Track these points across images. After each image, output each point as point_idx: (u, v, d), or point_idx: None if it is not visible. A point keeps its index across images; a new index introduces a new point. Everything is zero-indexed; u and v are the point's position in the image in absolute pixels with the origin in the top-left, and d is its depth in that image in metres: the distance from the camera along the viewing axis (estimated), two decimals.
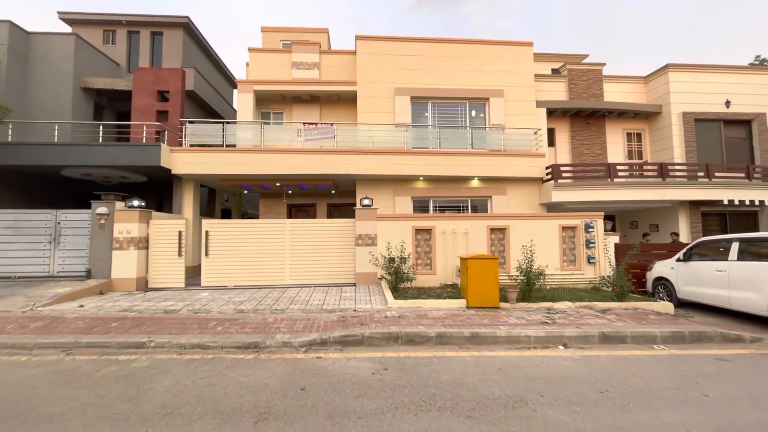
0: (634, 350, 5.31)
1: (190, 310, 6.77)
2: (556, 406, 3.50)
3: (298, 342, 5.18)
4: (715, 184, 12.01)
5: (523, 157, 11.90)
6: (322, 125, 11.71)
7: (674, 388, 3.99)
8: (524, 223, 9.61)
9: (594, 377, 4.24)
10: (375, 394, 3.72)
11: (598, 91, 14.20)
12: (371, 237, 9.22)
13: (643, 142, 14.58)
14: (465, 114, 13.01)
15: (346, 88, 12.55)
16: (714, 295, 7.22)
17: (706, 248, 7.80)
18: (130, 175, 11.80)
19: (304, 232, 9.34)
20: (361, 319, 6.18)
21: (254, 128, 11.79)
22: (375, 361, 4.69)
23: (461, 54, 12.75)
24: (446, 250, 9.41)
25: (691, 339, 5.68)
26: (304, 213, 14.34)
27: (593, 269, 9.47)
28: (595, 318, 6.45)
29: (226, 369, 4.37)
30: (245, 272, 9.11)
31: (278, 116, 13.45)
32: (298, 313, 6.63)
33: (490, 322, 6.07)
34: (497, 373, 4.32)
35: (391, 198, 12.02)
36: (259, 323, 6.02)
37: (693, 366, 4.70)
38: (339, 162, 11.07)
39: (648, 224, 13.98)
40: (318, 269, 9.26)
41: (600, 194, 11.64)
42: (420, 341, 5.38)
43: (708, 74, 13.82)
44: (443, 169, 11.48)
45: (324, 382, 4.00)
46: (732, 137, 13.90)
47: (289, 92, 12.83)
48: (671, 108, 13.56)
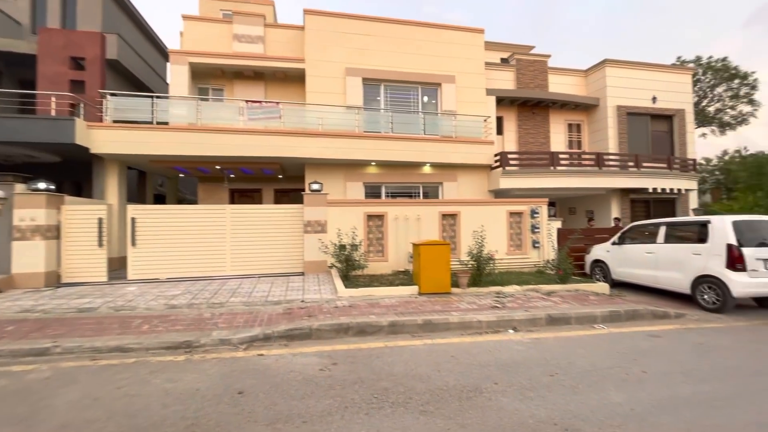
0: (578, 331, 5.50)
1: (111, 307, 5.93)
2: (510, 394, 3.42)
3: (238, 338, 4.69)
4: (642, 174, 13.01)
5: (473, 144, 12.00)
6: (267, 104, 10.89)
7: (617, 366, 4.12)
8: (474, 209, 9.70)
9: (544, 360, 4.27)
10: (323, 393, 3.40)
11: (544, 82, 14.71)
12: (321, 223, 8.77)
13: (582, 132, 15.42)
14: (417, 99, 12.82)
15: (294, 65, 11.76)
16: (644, 276, 7.77)
17: (638, 232, 8.36)
18: (38, 153, 10.18)
19: (247, 219, 8.65)
20: (309, 310, 5.79)
21: (190, 105, 10.65)
22: (323, 356, 4.36)
23: (414, 37, 12.46)
24: (398, 237, 9.23)
25: (627, 317, 6.02)
26: (248, 199, 13.43)
27: (538, 253, 9.84)
28: (541, 300, 6.62)
29: (149, 374, 3.80)
30: (180, 263, 8.26)
31: (218, 93, 12.33)
32: (239, 307, 6.08)
33: (443, 309, 5.98)
34: (451, 362, 4.20)
35: (342, 183, 11.59)
36: (194, 319, 5.41)
37: (630, 343, 4.94)
38: (286, 144, 10.38)
39: (584, 210, 14.91)
40: (263, 258, 8.65)
41: (544, 181, 12.13)
42: (372, 331, 5.14)
43: (639, 71, 14.84)
44: (396, 154, 11.24)
45: (265, 383, 3.60)
46: (657, 130, 15.15)
47: (230, 67, 11.75)
48: (607, 101, 14.42)
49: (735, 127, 22.76)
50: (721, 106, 22.56)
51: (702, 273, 6.61)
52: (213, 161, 10.62)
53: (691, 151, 15.21)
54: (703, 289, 6.62)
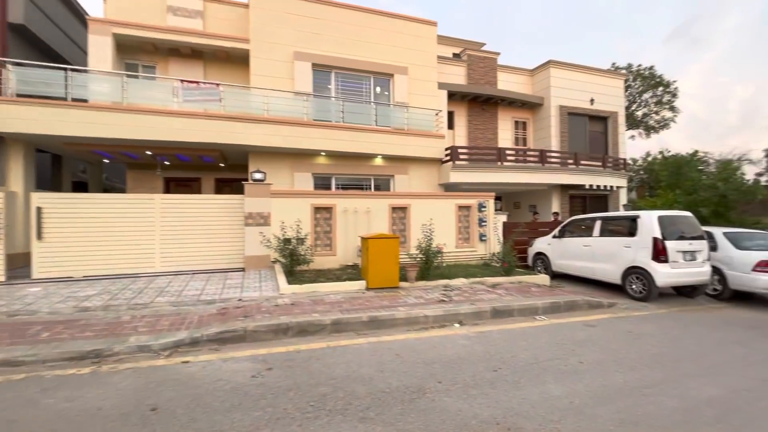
0: (521, 323, 5.59)
1: (2, 312, 5.05)
2: (453, 393, 3.31)
3: (160, 344, 4.16)
4: (581, 171, 13.79)
5: (425, 137, 11.96)
6: (205, 85, 10.00)
7: (556, 358, 4.19)
8: (425, 203, 9.66)
9: (488, 355, 4.23)
10: (252, 404, 3.05)
11: (493, 79, 15.04)
12: (263, 216, 8.22)
13: (527, 130, 16.04)
14: (370, 89, 12.50)
15: (237, 45, 10.88)
16: (581, 267, 8.18)
17: (576, 226, 8.78)
18: None
19: (180, 210, 7.87)
20: (247, 310, 5.34)
21: (115, 81, 9.46)
22: (258, 360, 3.98)
23: (367, 24, 12.08)
24: (347, 230, 8.93)
25: (565, 308, 6.25)
26: (186, 188, 12.36)
27: (484, 246, 10.04)
28: (487, 293, 6.70)
29: (41, 393, 3.20)
30: (99, 259, 7.33)
31: (149, 70, 11.12)
32: (165, 307, 5.46)
33: (390, 304, 5.81)
34: (395, 361, 4.02)
35: (290, 174, 11.01)
36: (109, 324, 4.75)
37: (568, 334, 5.09)
38: (227, 129, 9.60)
39: (528, 205, 15.57)
40: (199, 253, 7.94)
41: (492, 176, 12.42)
42: (313, 331, 4.82)
43: (579, 74, 15.68)
44: (347, 144, 10.87)
45: (186, 396, 3.17)
46: (594, 131, 16.16)
47: (164, 42, 10.61)
48: (551, 101, 15.08)
49: (658, 131, 25.11)
50: (648, 111, 24.76)
51: (631, 264, 7.06)
52: (143, 146, 9.57)
53: (622, 151, 16.42)
54: (632, 279, 7.08)
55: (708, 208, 10.73)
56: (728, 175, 11.05)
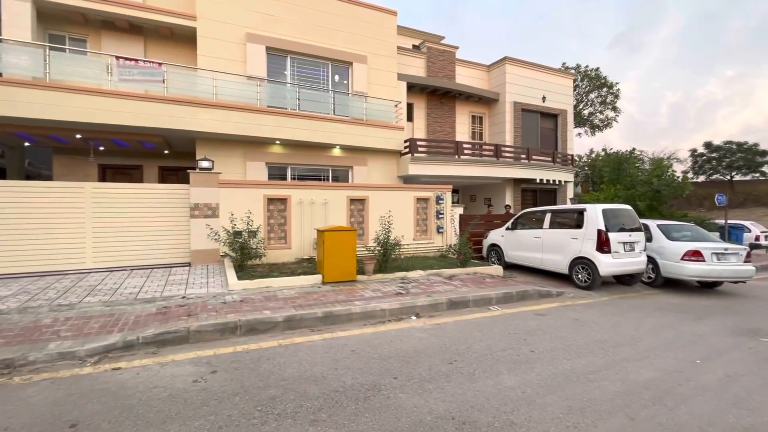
0: (476, 313, 5.68)
1: None
2: (408, 388, 3.24)
3: (86, 350, 3.72)
4: (532, 166, 14.36)
5: (384, 128, 11.82)
6: (145, 64, 9.13)
7: (509, 348, 4.27)
8: (383, 194, 9.56)
9: (444, 347, 4.23)
10: (192, 413, 2.79)
11: (452, 73, 15.18)
12: (211, 207, 7.70)
13: (484, 124, 16.42)
14: (328, 77, 12.10)
15: (183, 22, 10.02)
16: (532, 258, 8.50)
17: (528, 218, 9.10)
18: None
19: (115, 200, 7.16)
20: (191, 308, 4.95)
21: (35, 53, 8.34)
22: (201, 363, 3.68)
23: (327, 9, 11.63)
24: (303, 222, 8.63)
25: (518, 298, 6.45)
26: (125, 177, 11.35)
27: (441, 238, 10.16)
28: (443, 285, 6.75)
29: None
30: (18, 255, 6.49)
31: (79, 43, 9.96)
32: (96, 308, 4.93)
33: (346, 298, 5.67)
34: (350, 357, 3.89)
35: (242, 163, 10.43)
36: (25, 328, 4.19)
37: (520, 324, 5.24)
38: (171, 113, 8.87)
39: (483, 198, 16.02)
40: (138, 247, 7.29)
41: (449, 169, 12.57)
42: (264, 329, 4.57)
43: (533, 71, 16.25)
44: (303, 134, 10.47)
45: (114, 408, 2.84)
46: (545, 127, 16.89)
47: (95, 13, 9.50)
48: (506, 97, 15.52)
49: (602, 129, 26.88)
50: (593, 110, 26.37)
51: (578, 255, 7.43)
52: (72, 128, 8.60)
53: (570, 148, 17.33)
54: (578, 269, 7.45)
55: (644, 202, 11.60)
56: (662, 172, 12.00)
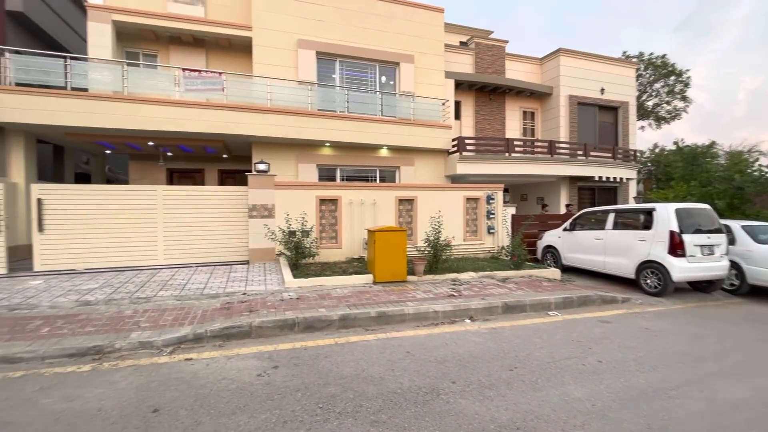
0: (534, 318, 5.42)
1: (3, 306, 4.93)
2: (468, 394, 3.15)
3: (163, 340, 4.03)
4: (590, 162, 13.49)
5: (431, 127, 11.69)
6: (208, 74, 9.76)
7: (573, 356, 4.02)
8: (432, 194, 9.44)
9: (502, 353, 4.07)
10: (258, 406, 2.91)
11: (501, 68, 14.68)
12: (268, 207, 8.05)
13: (536, 120, 15.70)
14: (375, 78, 12.21)
15: (240, 32, 10.62)
16: (593, 261, 7.97)
17: (587, 219, 8.55)
18: None
19: (183, 202, 7.72)
20: (251, 304, 5.20)
21: (115, 70, 9.26)
22: (264, 358, 3.85)
23: (372, 10, 11.74)
24: (353, 222, 8.76)
25: (579, 303, 6.07)
26: (189, 180, 12.22)
27: (492, 239, 9.84)
28: (497, 288, 6.52)
29: (39, 392, 3.08)
30: (102, 251, 7.21)
31: (150, 59, 10.89)
32: (169, 301, 5.34)
33: (398, 299, 5.66)
34: (406, 359, 3.87)
35: (294, 165, 10.81)
36: (111, 319, 4.63)
37: (584, 331, 4.92)
38: (230, 120, 9.40)
39: (536, 197, 15.31)
40: (202, 245, 7.80)
41: (499, 168, 12.16)
42: (320, 327, 4.68)
43: (590, 62, 15.26)
44: (352, 135, 10.63)
45: (190, 396, 3.04)
46: (604, 121, 15.79)
47: (165, 30, 10.36)
48: (560, 90, 14.71)
49: (669, 122, 24.56)
50: (659, 101, 24.18)
51: (646, 258, 6.84)
52: (145, 136, 9.40)
53: (632, 142, 16.06)
54: (647, 273, 6.87)
55: (723, 201, 10.44)
56: (745, 166, 10.72)
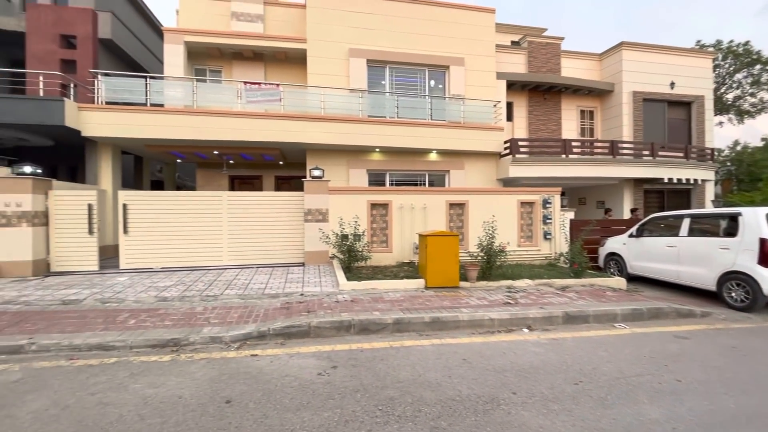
0: (598, 330, 5.09)
1: (97, 299, 5.58)
2: (531, 406, 3.03)
3: (230, 336, 4.32)
4: (658, 163, 12.44)
5: (482, 130, 11.46)
6: (266, 86, 10.37)
7: (647, 373, 3.71)
8: (483, 198, 9.23)
9: (565, 365, 3.87)
10: (321, 404, 3.02)
11: (556, 66, 14.03)
12: (322, 212, 8.34)
13: (595, 119, 14.79)
14: (424, 83, 12.23)
15: (295, 45, 11.17)
16: (664, 270, 7.32)
17: (657, 224, 7.88)
18: (28, 136, 9.78)
19: (244, 206, 8.24)
20: (309, 305, 5.41)
21: (186, 86, 10.15)
22: (322, 357, 3.98)
23: (421, 16, 11.80)
24: (403, 226, 8.81)
25: (649, 316, 5.60)
26: (248, 186, 13.01)
27: (549, 245, 9.40)
28: (556, 296, 6.21)
29: (129, 378, 3.44)
30: (175, 252, 7.90)
31: (216, 74, 11.79)
32: (234, 300, 5.71)
33: (452, 304, 5.59)
34: (463, 366, 3.81)
35: (345, 170, 11.12)
36: (185, 314, 5.05)
37: (657, 346, 4.53)
38: (286, 128, 9.90)
39: (595, 201, 14.39)
40: (261, 248, 8.26)
41: (555, 170, 11.61)
42: (375, 329, 4.75)
43: (657, 54, 14.11)
44: (401, 140, 10.73)
45: (257, 391, 3.23)
46: (674, 118, 14.49)
47: (228, 47, 11.19)
48: (623, 86, 13.75)
49: (754, 116, 21.92)
50: (741, 93, 21.69)
51: (730, 269, 6.14)
52: (210, 146, 10.18)
53: (708, 140, 14.56)
54: (731, 286, 6.17)
55: None
56: None
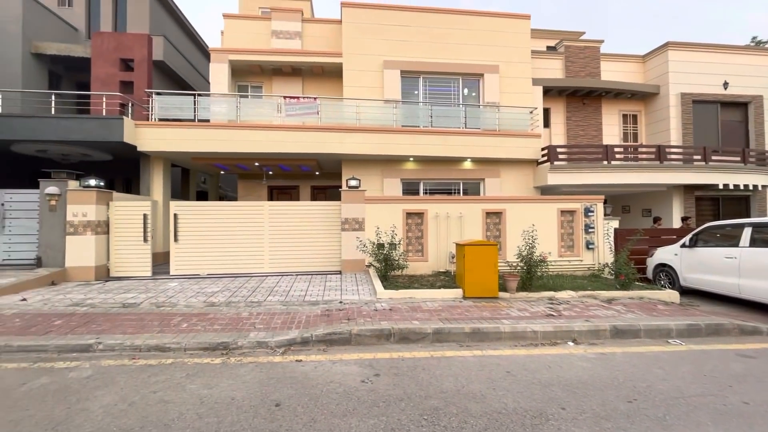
0: (650, 346, 4.82)
1: (152, 303, 5.96)
2: (582, 423, 2.92)
3: (275, 341, 4.48)
4: (711, 168, 11.67)
5: (518, 137, 11.26)
6: (304, 99, 10.76)
7: (709, 393, 3.48)
8: (521, 207, 9.04)
9: (616, 381, 3.70)
10: (366, 411, 3.07)
11: (596, 70, 13.60)
12: (358, 221, 8.49)
13: (639, 124, 14.14)
14: (458, 91, 12.23)
15: (331, 59, 11.56)
16: (722, 283, 6.82)
17: (713, 234, 7.38)
18: (91, 152, 10.66)
19: (284, 216, 8.54)
20: (348, 312, 5.51)
21: (230, 102, 10.74)
22: (364, 365, 4.04)
23: (454, 26, 11.86)
24: (439, 235, 8.78)
25: (708, 332, 5.24)
26: (286, 195, 13.46)
27: (592, 255, 9.03)
28: (602, 309, 5.95)
29: (186, 378, 3.65)
30: (220, 259, 8.30)
31: (257, 89, 12.38)
32: (276, 306, 5.91)
33: (491, 315, 5.49)
34: (506, 378, 3.73)
35: (380, 180, 11.27)
36: (232, 318, 5.29)
37: (719, 365, 4.23)
38: (323, 140, 10.20)
39: (641, 209, 13.68)
40: (300, 256, 8.51)
41: (596, 177, 11.17)
42: (415, 339, 4.76)
43: (707, 54, 13.35)
44: (435, 149, 10.75)
45: (304, 395, 3.32)
46: (728, 120, 13.58)
47: (268, 63, 11.75)
48: (669, 89, 13.09)
49: None
50: None
51: None
52: (252, 158, 10.66)
53: None
54: None
55: None
56: None
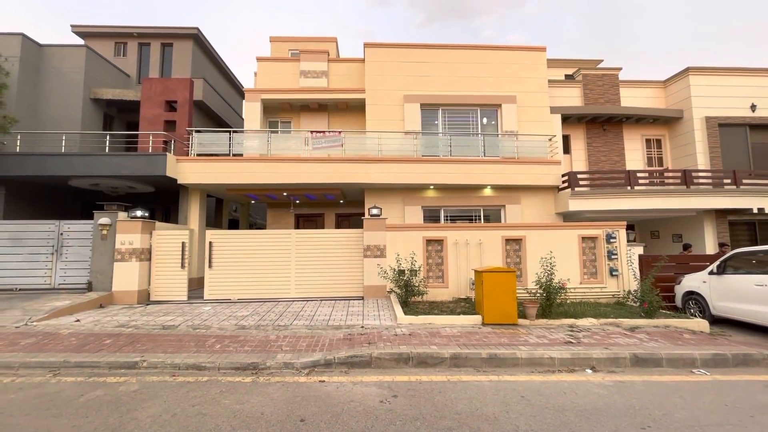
0: (672, 375, 4.77)
1: (189, 325, 6.43)
2: None
3: (301, 363, 4.78)
4: (743, 192, 11.37)
5: (537, 164, 11.45)
6: (330, 133, 11.46)
7: (728, 423, 3.47)
8: (541, 234, 9.12)
9: (632, 409, 3.74)
10: (383, 428, 3.29)
11: (615, 96, 13.72)
12: (380, 248, 8.82)
13: (663, 148, 14.00)
14: (476, 121, 12.65)
15: (355, 95, 12.32)
16: (754, 312, 6.60)
17: (744, 260, 7.20)
18: (137, 185, 11.68)
19: (310, 243, 9.00)
20: (369, 337, 5.75)
21: (261, 137, 11.60)
22: (383, 387, 4.25)
23: (472, 60, 12.45)
24: (459, 262, 8.95)
25: (735, 362, 5.12)
26: (311, 223, 14.04)
27: (616, 282, 8.90)
28: (623, 337, 5.91)
29: (220, 394, 3.99)
30: (249, 285, 8.78)
31: (286, 125, 13.27)
32: (302, 330, 6.24)
33: (509, 342, 5.59)
34: (520, 403, 3.85)
35: (401, 207, 11.64)
36: (261, 341, 5.65)
37: (743, 395, 4.16)
38: (347, 170, 10.76)
39: (670, 234, 13.31)
40: (324, 282, 8.88)
41: (619, 203, 11.10)
42: (433, 363, 4.93)
43: (731, 77, 13.25)
44: (454, 177, 11.08)
45: (326, 412, 3.58)
46: (759, 142, 13.24)
47: (297, 101, 12.65)
48: (693, 113, 12.99)
49: None
50: None
51: None
52: (281, 188, 11.34)
53: None
54: None
55: None
56: None
